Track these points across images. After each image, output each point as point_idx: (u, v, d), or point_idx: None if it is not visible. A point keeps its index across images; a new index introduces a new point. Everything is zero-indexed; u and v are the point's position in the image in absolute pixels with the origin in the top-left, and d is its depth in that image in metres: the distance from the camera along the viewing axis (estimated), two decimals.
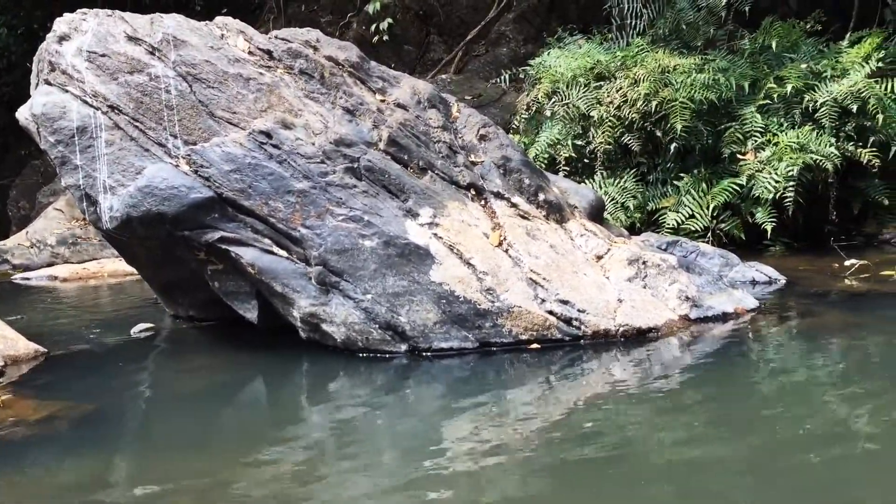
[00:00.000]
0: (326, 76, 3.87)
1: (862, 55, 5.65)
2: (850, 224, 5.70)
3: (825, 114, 5.39)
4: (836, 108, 5.39)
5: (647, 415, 2.89)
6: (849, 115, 5.43)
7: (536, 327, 3.47)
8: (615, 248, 3.96)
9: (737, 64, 5.87)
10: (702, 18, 6.47)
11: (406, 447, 2.66)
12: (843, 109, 5.41)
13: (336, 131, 3.68)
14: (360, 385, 3.30)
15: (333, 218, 3.50)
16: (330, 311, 3.44)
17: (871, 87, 5.41)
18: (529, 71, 6.60)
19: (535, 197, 3.98)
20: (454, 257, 3.53)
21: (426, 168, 3.81)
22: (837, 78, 5.56)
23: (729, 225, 5.39)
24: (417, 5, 9.63)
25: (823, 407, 2.94)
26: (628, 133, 5.77)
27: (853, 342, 3.59)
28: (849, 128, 5.43)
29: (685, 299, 3.77)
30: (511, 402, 3.04)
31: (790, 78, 5.60)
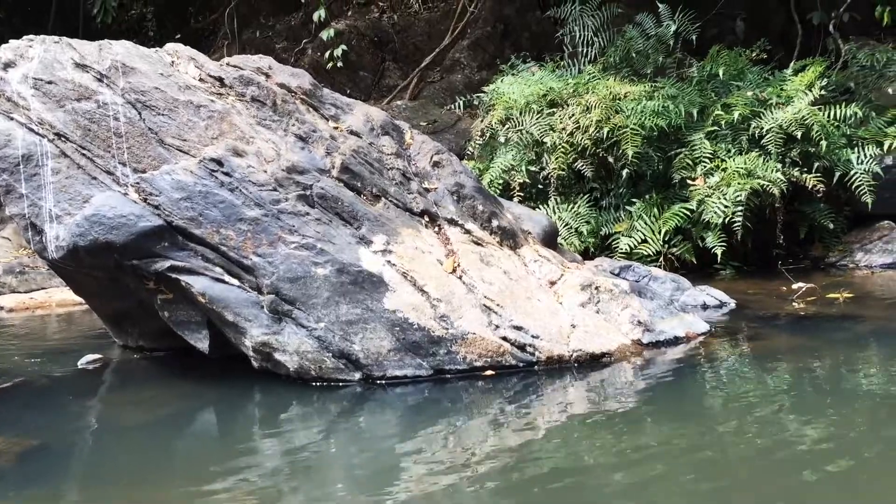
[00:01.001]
0: (279, 103, 3.86)
1: (805, 83, 5.81)
2: (796, 248, 5.82)
3: (771, 140, 5.52)
4: (781, 134, 5.53)
5: (603, 439, 2.90)
6: (794, 141, 5.57)
7: (491, 354, 3.47)
8: (568, 273, 3.99)
9: (685, 91, 5.99)
10: (651, 47, 6.61)
11: (360, 476, 2.63)
12: (788, 136, 5.55)
13: (288, 158, 3.66)
14: (314, 414, 3.26)
15: (286, 246, 3.48)
16: (282, 339, 3.40)
17: (814, 114, 5.56)
18: (483, 97, 6.66)
19: (488, 223, 4.00)
20: (408, 284, 3.52)
21: (380, 195, 3.81)
22: (782, 105, 5.71)
23: (680, 249, 5.47)
24: (372, 32, 9.68)
25: (774, 427, 2.98)
26: (581, 159, 5.84)
27: (801, 364, 3.66)
28: (794, 154, 5.57)
29: (637, 324, 3.81)
30: (466, 430, 3.03)
31: (737, 105, 5.73)
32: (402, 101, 8.73)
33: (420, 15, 9.84)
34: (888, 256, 5.61)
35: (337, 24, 9.37)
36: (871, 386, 3.43)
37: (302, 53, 9.75)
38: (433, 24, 9.70)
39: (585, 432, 2.97)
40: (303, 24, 9.84)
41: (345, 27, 9.51)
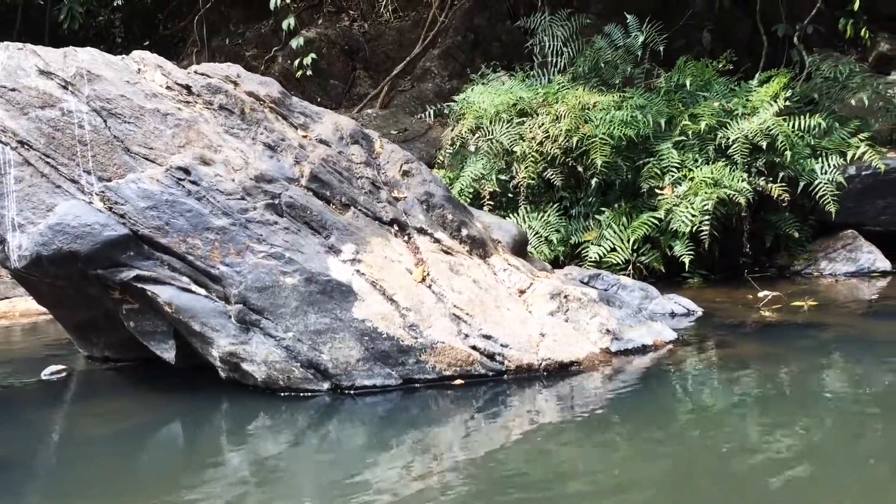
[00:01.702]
0: (247, 112, 3.84)
1: (771, 94, 5.90)
2: (763, 256, 5.89)
3: (737, 150, 5.59)
4: (747, 144, 5.60)
5: (572, 448, 2.91)
6: (759, 151, 5.65)
7: (460, 363, 3.47)
8: (537, 282, 4.00)
9: (653, 101, 6.05)
10: (619, 57, 6.66)
11: (329, 487, 2.62)
12: (753, 146, 5.63)
13: (256, 167, 3.64)
14: (282, 424, 3.24)
15: (254, 255, 3.45)
16: (250, 349, 3.38)
17: (779, 124, 5.64)
18: (454, 106, 6.67)
19: (458, 232, 4.01)
20: (377, 293, 3.51)
21: (349, 204, 3.80)
22: (748, 116, 5.78)
23: (649, 258, 5.51)
24: (343, 40, 9.67)
25: (740, 434, 3.02)
26: (551, 168, 5.87)
27: (767, 372, 3.70)
28: (759, 163, 5.65)
29: (606, 332, 3.83)
30: (435, 439, 3.03)
31: (704, 115, 5.80)
32: (372, 109, 8.72)
33: (391, 24, 9.85)
34: (851, 265, 5.70)
35: (307, 33, 9.35)
36: (835, 392, 3.48)
37: (272, 61, 9.71)
38: (404, 33, 9.71)
39: (554, 441, 2.98)
40: (273, 32, 9.81)
41: (315, 35, 9.49)
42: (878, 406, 3.29)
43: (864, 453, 2.79)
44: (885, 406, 3.28)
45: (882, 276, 5.60)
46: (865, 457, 2.76)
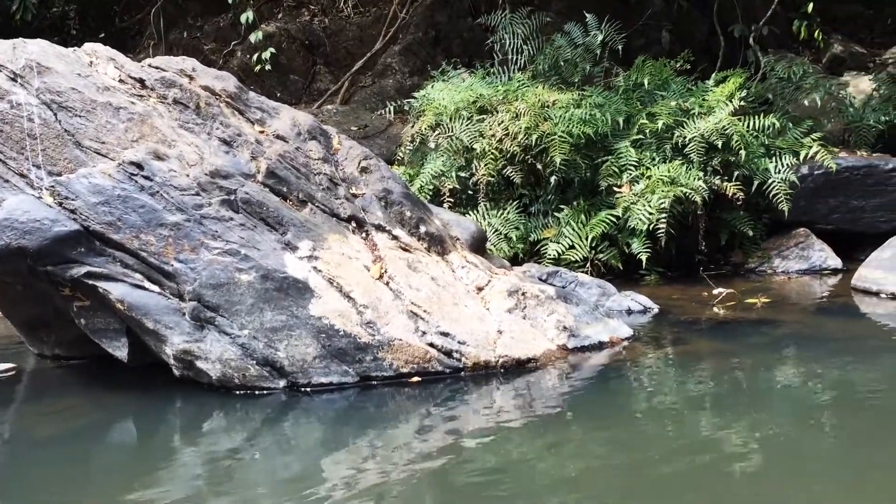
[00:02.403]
0: (202, 106, 3.78)
1: (726, 94, 5.97)
2: (718, 254, 5.96)
3: (693, 149, 5.65)
4: (703, 143, 5.66)
5: (529, 444, 2.93)
6: (715, 150, 5.71)
7: (417, 360, 3.47)
8: (496, 279, 4.01)
9: (612, 100, 6.09)
10: (579, 56, 6.70)
11: (285, 485, 2.60)
12: (709, 145, 5.69)
13: (212, 163, 3.60)
14: (237, 423, 3.21)
15: (209, 251, 3.41)
16: (205, 347, 3.34)
17: (734, 124, 5.72)
18: (414, 103, 6.65)
19: (416, 229, 4.00)
20: (334, 291, 3.49)
21: (306, 200, 3.77)
22: (704, 115, 5.85)
23: (607, 255, 5.55)
24: (303, 35, 9.59)
25: (695, 429, 3.06)
26: (510, 165, 5.89)
27: (721, 368, 3.76)
28: (715, 162, 5.71)
29: (563, 329, 3.86)
30: (392, 437, 3.02)
31: (661, 114, 5.86)
32: (332, 105, 8.66)
33: (351, 19, 9.79)
34: (804, 263, 5.80)
35: (267, 27, 9.25)
36: (787, 388, 3.55)
37: (231, 55, 9.59)
38: (365, 29, 9.65)
39: (511, 437, 3.00)
40: (232, 26, 9.68)
41: (275, 30, 9.39)
42: (828, 401, 3.36)
43: (816, 447, 2.86)
44: (836, 401, 3.36)
45: (833, 273, 5.72)
46: (817, 450, 2.83)
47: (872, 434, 2.94)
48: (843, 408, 3.26)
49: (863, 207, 6.03)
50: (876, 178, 6.03)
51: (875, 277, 5.03)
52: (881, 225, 5.97)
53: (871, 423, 3.06)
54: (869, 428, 3.00)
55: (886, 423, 3.05)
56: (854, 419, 3.11)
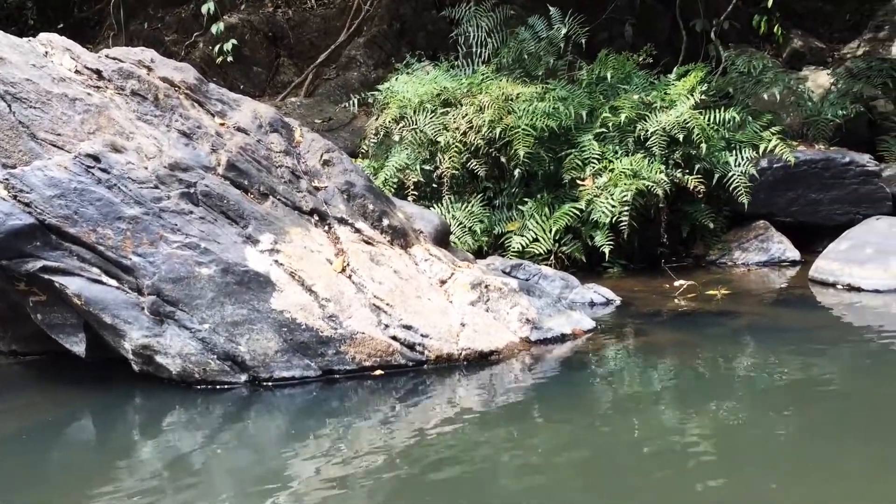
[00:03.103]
0: (161, 98, 3.73)
1: (687, 88, 6.03)
2: (680, 246, 6.02)
3: (655, 142, 5.70)
4: (664, 137, 5.71)
5: (492, 437, 2.95)
6: (676, 143, 5.76)
7: (380, 353, 3.46)
8: (459, 272, 4.02)
9: (575, 93, 6.11)
10: (542, 49, 6.71)
11: (247, 480, 2.59)
12: (671, 138, 5.74)
13: (171, 155, 3.55)
14: (198, 418, 3.18)
15: (168, 245, 3.37)
16: (164, 342, 3.30)
17: (695, 117, 5.78)
18: (378, 96, 6.62)
19: (379, 222, 3.99)
20: (296, 284, 3.47)
21: (267, 193, 3.74)
22: (666, 109, 5.90)
23: (570, 248, 5.58)
24: (267, 27, 9.50)
25: (656, 420, 3.11)
26: (474, 158, 5.89)
27: (682, 359, 3.80)
28: (677, 155, 5.76)
29: (526, 322, 3.88)
30: (355, 430, 3.02)
31: (624, 108, 5.89)
32: (296, 97, 8.59)
33: (315, 11, 9.71)
34: (763, 254, 5.88)
35: (229, 18, 9.15)
36: (746, 378, 3.60)
37: (193, 47, 9.47)
38: (329, 21, 9.59)
39: (474, 430, 3.01)
40: (194, 17, 9.55)
41: (238, 21, 9.29)
42: (787, 391, 3.42)
43: (775, 436, 2.91)
44: (794, 391, 3.42)
45: (791, 265, 5.81)
46: (776, 439, 2.88)
47: (829, 423, 3.01)
48: (800, 398, 3.32)
49: (820, 200, 6.13)
50: (833, 172, 6.13)
51: (831, 269, 5.12)
52: (838, 217, 6.07)
53: (827, 412, 3.12)
54: (826, 417, 3.07)
55: (842, 412, 3.12)
56: (811, 409, 3.17)
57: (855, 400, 3.29)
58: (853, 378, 3.57)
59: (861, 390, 3.41)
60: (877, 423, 2.99)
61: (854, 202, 6.12)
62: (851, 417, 3.05)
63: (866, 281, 4.92)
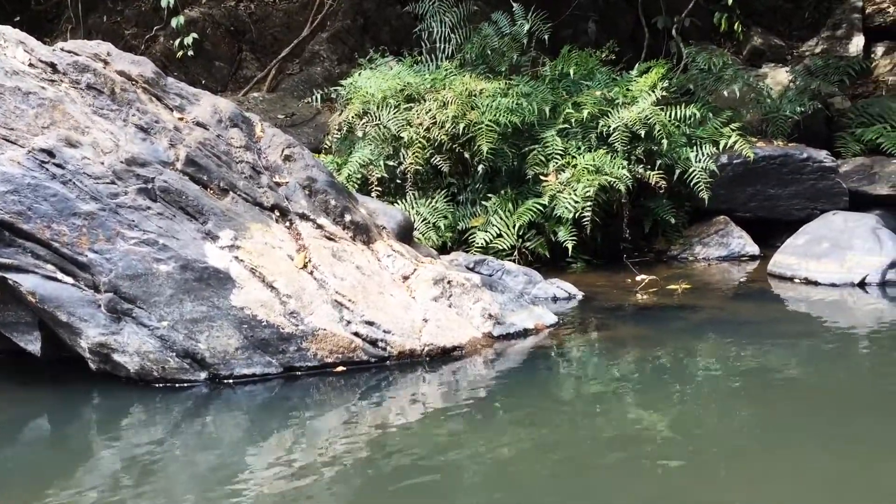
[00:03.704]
0: (117, 92, 3.67)
1: (649, 84, 6.07)
2: (642, 241, 6.08)
3: (617, 138, 5.74)
4: (626, 132, 5.75)
5: (455, 432, 2.95)
6: (638, 139, 5.81)
7: (342, 349, 3.44)
8: (421, 268, 4.01)
9: (538, 89, 6.13)
10: (506, 45, 6.72)
11: (207, 479, 2.56)
12: (633, 134, 5.78)
13: (128, 150, 3.49)
14: (157, 417, 3.14)
15: (125, 241, 3.32)
16: (122, 340, 3.25)
17: (657, 114, 5.83)
18: (341, 91, 6.59)
19: (341, 218, 3.96)
20: (256, 280, 3.44)
21: (227, 189, 3.70)
22: (628, 105, 5.94)
23: (534, 243, 5.60)
24: (228, 21, 9.39)
25: (618, 413, 3.13)
26: (438, 154, 5.88)
27: (643, 353, 3.84)
28: (638, 151, 5.81)
29: (488, 317, 3.88)
30: (317, 427, 3.00)
31: (586, 104, 5.93)
32: (259, 92, 8.51)
33: (278, 6, 9.63)
34: (723, 249, 5.95)
35: (190, 12, 9.03)
36: (706, 372, 3.65)
37: (153, 41, 9.33)
38: (292, 16, 9.50)
39: (437, 425, 3.01)
40: (154, 10, 9.41)
41: (199, 15, 9.17)
42: (746, 384, 3.47)
43: (733, 426, 2.96)
44: (753, 384, 3.47)
45: (751, 259, 5.89)
46: (735, 429, 2.93)
47: (787, 414, 3.06)
48: (759, 389, 3.37)
49: (779, 195, 6.22)
50: (791, 168, 6.22)
51: (789, 263, 5.20)
52: (796, 212, 6.17)
53: (785, 403, 3.18)
54: (784, 408, 3.12)
55: (800, 402, 3.18)
56: (770, 400, 3.22)
57: (811, 390, 3.35)
58: (810, 370, 3.64)
59: (817, 381, 3.48)
60: (833, 411, 3.06)
61: (812, 197, 6.22)
62: (808, 407, 3.11)
63: (822, 275, 5.00)
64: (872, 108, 7.65)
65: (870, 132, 7.28)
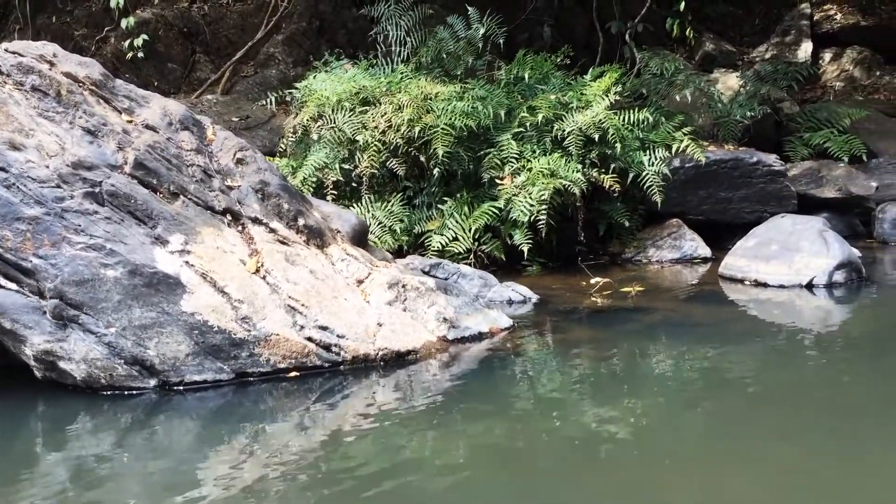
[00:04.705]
0: (64, 94, 3.59)
1: (603, 88, 6.13)
2: (597, 244, 6.13)
3: (572, 142, 5.78)
4: (581, 136, 5.79)
5: (409, 436, 2.94)
6: (592, 143, 5.85)
7: (295, 355, 3.41)
8: (376, 272, 3.99)
9: (494, 93, 6.15)
10: (462, 48, 6.73)
11: (157, 488, 2.52)
12: (587, 138, 5.82)
13: (74, 153, 3.42)
14: (105, 425, 3.08)
15: (71, 247, 3.25)
16: (68, 347, 3.18)
17: (610, 118, 5.88)
18: (296, 94, 6.54)
19: (294, 222, 3.93)
20: (207, 286, 3.39)
21: (178, 193, 3.64)
22: (582, 109, 5.99)
23: (490, 247, 5.61)
24: (182, 22, 9.27)
25: (572, 415, 3.15)
26: (394, 158, 5.87)
27: (596, 355, 3.87)
28: (593, 155, 5.86)
29: (443, 321, 3.88)
30: (269, 434, 2.97)
31: (541, 108, 5.96)
32: (213, 95, 8.41)
33: (232, 7, 9.52)
34: (676, 252, 6.03)
35: (142, 13, 8.90)
36: (659, 372, 3.69)
37: (104, 42, 9.16)
38: (246, 17, 9.41)
39: (391, 430, 2.99)
40: (104, 11, 9.24)
41: (151, 16, 9.03)
42: (697, 383, 3.52)
43: (686, 426, 3.00)
44: (704, 383, 3.52)
45: (703, 262, 5.97)
46: (687, 429, 2.96)
47: (738, 413, 3.10)
48: (710, 389, 3.41)
49: (730, 199, 6.33)
50: (742, 171, 6.33)
51: (739, 265, 5.28)
52: (746, 215, 6.28)
53: (736, 402, 3.23)
54: (734, 407, 3.17)
55: (750, 402, 3.23)
56: (721, 400, 3.27)
57: (761, 390, 3.41)
58: (760, 370, 3.70)
59: (767, 381, 3.53)
60: (782, 409, 3.11)
61: (761, 200, 6.34)
62: (758, 406, 3.17)
63: (772, 277, 5.09)
64: (820, 113, 7.82)
65: (817, 136, 7.45)
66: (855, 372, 3.65)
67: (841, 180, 6.89)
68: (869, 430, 2.88)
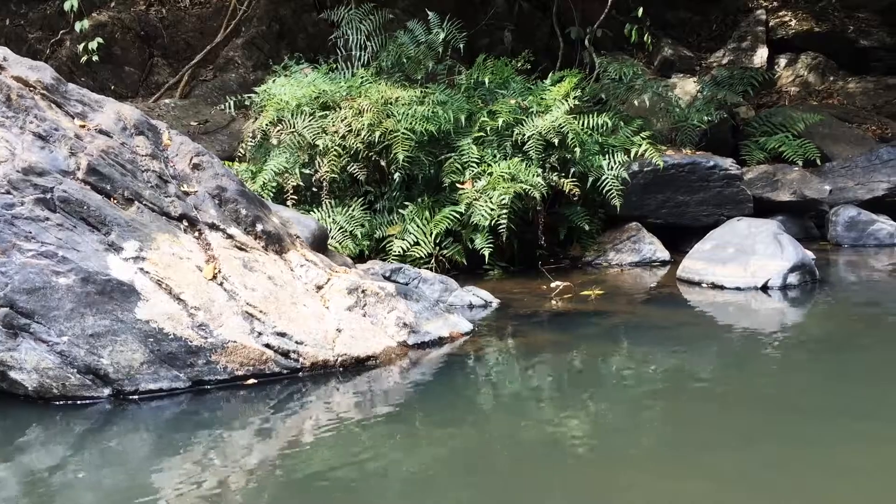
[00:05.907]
0: (14, 98, 3.52)
1: (562, 93, 6.17)
2: (557, 248, 6.16)
3: (532, 146, 5.81)
4: (541, 141, 5.83)
5: (368, 442, 2.93)
6: (552, 147, 5.89)
7: (253, 362, 3.38)
8: (336, 277, 3.97)
9: (454, 98, 6.16)
10: (422, 53, 6.74)
11: (111, 501, 2.47)
12: (547, 142, 5.86)
13: (25, 159, 3.36)
14: (57, 436, 3.02)
15: (21, 254, 3.18)
16: (19, 356, 3.11)
17: (570, 122, 5.92)
18: (255, 98, 6.49)
19: (252, 227, 3.89)
20: (163, 293, 3.34)
21: (132, 198, 3.59)
22: (542, 113, 6.02)
23: (451, 251, 5.62)
24: (139, 26, 9.15)
25: (532, 419, 3.16)
26: (354, 162, 5.85)
27: (557, 359, 3.89)
28: (553, 159, 5.89)
29: (403, 326, 3.87)
30: (226, 442, 2.93)
31: (502, 112, 5.98)
32: (171, 99, 8.31)
33: (190, 10, 9.43)
34: (636, 255, 6.08)
35: (98, 16, 8.77)
36: (619, 375, 3.72)
37: (59, 45, 9.01)
38: (205, 21, 9.32)
39: (350, 437, 2.97)
40: (60, 14, 9.09)
41: (107, 19, 8.91)
42: (656, 384, 3.56)
43: (645, 428, 3.02)
44: (662, 384, 3.56)
45: (662, 265, 6.03)
46: (647, 429, 3.00)
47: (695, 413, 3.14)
48: (669, 392, 3.45)
49: (688, 202, 6.41)
50: (699, 175, 6.41)
51: (697, 268, 5.34)
52: (704, 218, 6.36)
53: (694, 403, 3.26)
54: (692, 408, 3.20)
55: (708, 403, 3.27)
56: (679, 401, 3.30)
57: (718, 390, 3.46)
58: (717, 371, 3.75)
59: (724, 381, 3.59)
60: (739, 409, 3.16)
61: (718, 204, 6.42)
62: (716, 406, 3.21)
63: (728, 279, 5.16)
64: (775, 118, 7.96)
65: (773, 141, 7.58)
66: (809, 371, 3.72)
67: (795, 184, 7.02)
68: (822, 428, 2.94)
